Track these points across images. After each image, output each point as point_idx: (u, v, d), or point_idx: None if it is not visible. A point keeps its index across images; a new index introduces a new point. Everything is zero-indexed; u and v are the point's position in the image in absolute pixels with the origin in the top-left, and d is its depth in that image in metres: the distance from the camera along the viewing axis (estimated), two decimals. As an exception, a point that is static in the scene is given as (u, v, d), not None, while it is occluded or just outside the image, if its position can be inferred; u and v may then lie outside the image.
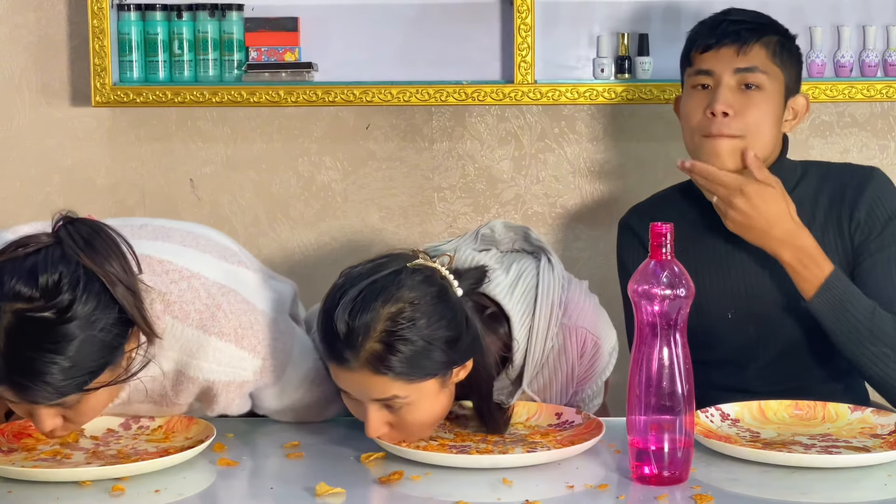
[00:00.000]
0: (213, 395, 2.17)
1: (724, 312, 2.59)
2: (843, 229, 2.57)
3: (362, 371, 2.03)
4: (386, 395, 2.05)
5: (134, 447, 2.13)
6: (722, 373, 2.62)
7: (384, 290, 2.03)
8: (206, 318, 2.12)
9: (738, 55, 2.54)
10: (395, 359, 2.01)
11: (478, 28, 3.21)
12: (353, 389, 2.08)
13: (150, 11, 3.20)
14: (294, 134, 3.29)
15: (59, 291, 1.90)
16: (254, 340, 2.16)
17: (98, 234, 1.98)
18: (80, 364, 1.92)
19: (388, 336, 2.01)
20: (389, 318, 2.01)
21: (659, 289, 1.96)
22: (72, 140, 3.31)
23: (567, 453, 2.06)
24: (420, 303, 2.03)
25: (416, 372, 2.04)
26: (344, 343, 2.02)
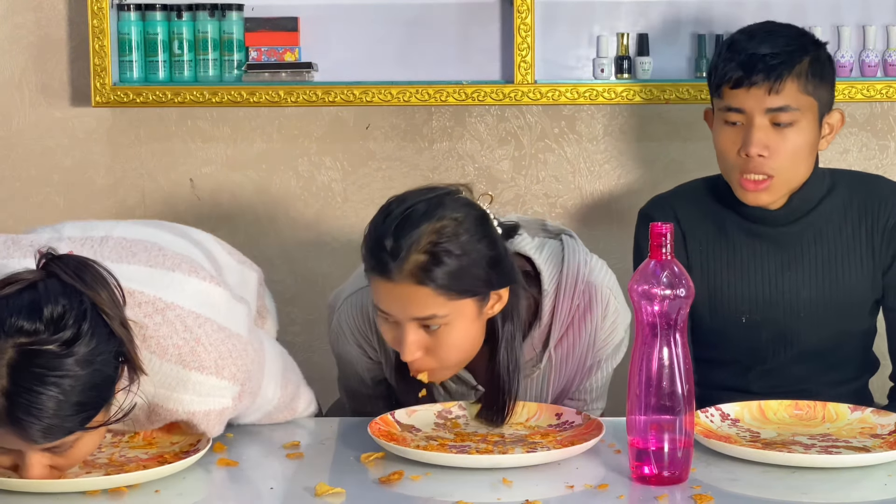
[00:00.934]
0: (194, 424, 2.13)
1: (738, 316, 2.59)
2: (873, 241, 2.57)
3: (406, 283, 2.10)
4: (426, 312, 2.12)
5: (123, 455, 2.11)
6: (725, 373, 2.62)
7: (430, 207, 2.14)
8: (185, 353, 2.06)
9: (770, 94, 2.47)
10: (438, 270, 2.10)
11: (478, 28, 3.21)
12: (393, 306, 2.14)
13: (150, 11, 3.20)
14: (294, 134, 3.29)
15: (64, 324, 1.85)
16: (233, 369, 2.11)
17: (86, 268, 1.93)
18: (81, 399, 1.87)
19: (433, 247, 2.10)
20: (434, 232, 2.11)
21: (659, 289, 1.96)
22: (72, 140, 3.31)
23: (567, 453, 2.06)
24: (464, 221, 2.14)
25: (457, 286, 2.12)
26: (390, 254, 2.11)
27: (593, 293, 2.33)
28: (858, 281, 2.57)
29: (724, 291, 2.58)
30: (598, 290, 2.33)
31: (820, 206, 2.57)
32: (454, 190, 2.21)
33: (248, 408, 2.21)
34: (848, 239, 2.57)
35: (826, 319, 2.58)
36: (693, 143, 3.23)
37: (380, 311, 2.18)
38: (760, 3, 3.13)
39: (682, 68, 3.19)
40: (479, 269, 2.14)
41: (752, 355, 2.61)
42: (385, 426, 2.17)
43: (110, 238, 2.19)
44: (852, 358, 2.65)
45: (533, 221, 2.43)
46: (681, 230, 2.62)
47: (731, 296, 2.58)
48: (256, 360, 2.18)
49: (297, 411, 2.33)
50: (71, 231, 2.22)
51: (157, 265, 2.15)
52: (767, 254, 2.58)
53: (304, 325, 3.25)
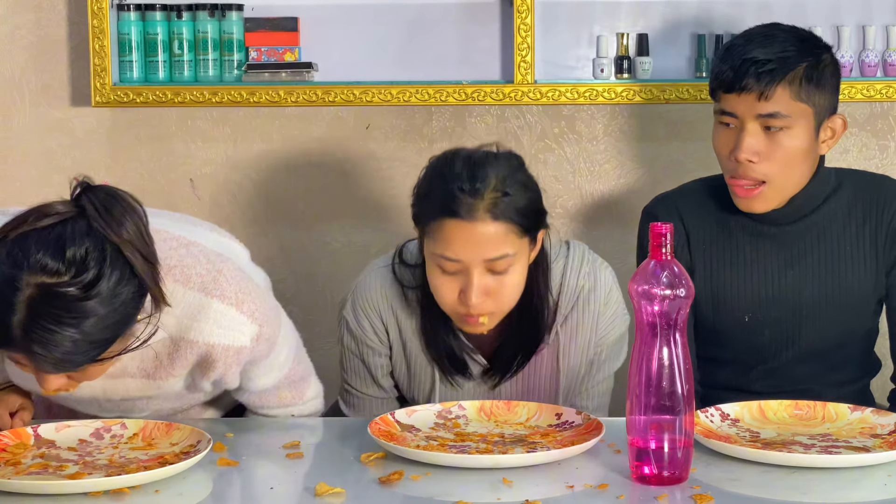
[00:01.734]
0: (212, 361, 2.18)
1: (741, 315, 2.59)
2: (877, 241, 2.57)
3: (483, 220, 2.24)
4: (499, 251, 2.25)
5: (123, 456, 2.11)
6: (727, 372, 2.62)
7: (487, 156, 2.31)
8: (207, 282, 2.14)
9: (760, 100, 2.47)
10: (513, 204, 2.25)
11: (478, 28, 3.21)
12: (466, 248, 2.24)
13: (150, 11, 3.20)
14: (294, 134, 3.29)
15: (85, 266, 1.89)
16: (252, 306, 2.18)
17: (117, 201, 1.97)
18: (96, 337, 1.92)
19: (505, 185, 2.26)
20: (500, 173, 2.27)
21: (659, 289, 1.96)
22: (72, 140, 3.31)
23: (567, 453, 2.06)
24: (518, 164, 2.33)
25: (526, 221, 2.28)
26: (467, 194, 2.24)
27: (597, 276, 2.45)
28: (862, 280, 2.57)
29: (727, 290, 2.58)
30: (601, 275, 2.46)
31: (824, 206, 2.58)
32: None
33: (262, 359, 2.24)
34: (852, 238, 2.57)
35: (829, 318, 2.58)
36: (693, 143, 3.23)
37: (445, 261, 2.26)
38: (760, 4, 3.13)
39: (682, 68, 3.19)
40: (538, 205, 2.32)
41: (754, 354, 2.61)
42: (385, 426, 2.18)
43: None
44: (854, 358, 2.65)
45: None
46: (684, 229, 2.62)
47: (734, 294, 2.59)
48: (274, 309, 2.26)
49: (305, 397, 2.36)
50: None
51: (181, 221, 2.29)
52: (771, 252, 2.58)
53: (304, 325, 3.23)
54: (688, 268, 2.60)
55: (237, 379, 2.26)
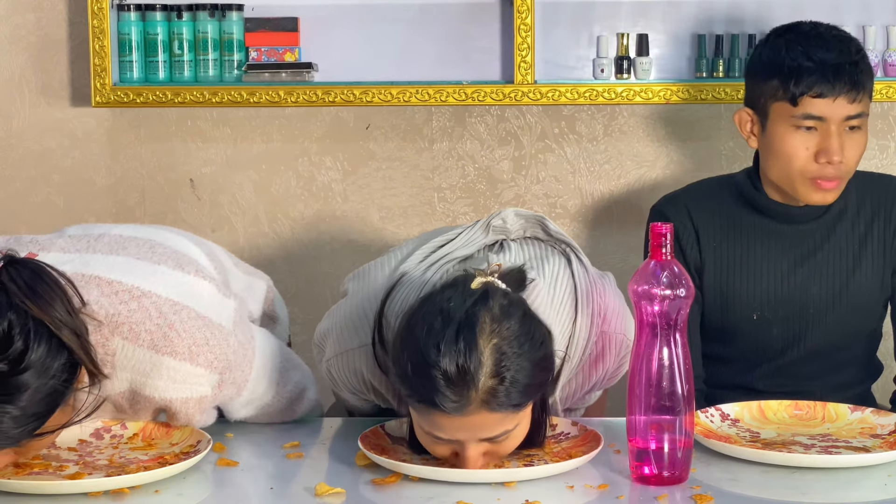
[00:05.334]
0: (173, 412, 2.14)
1: (749, 313, 2.59)
2: (884, 240, 2.58)
3: (478, 412, 1.92)
4: (497, 431, 1.96)
5: (123, 456, 2.11)
6: (733, 370, 2.63)
7: (478, 323, 1.92)
8: (157, 338, 2.07)
9: (852, 103, 2.50)
10: (511, 390, 1.92)
11: (478, 28, 3.21)
12: (458, 434, 1.96)
13: (150, 11, 3.20)
14: (294, 134, 3.29)
15: (10, 342, 1.86)
16: (210, 356, 2.11)
17: (40, 276, 1.93)
18: (32, 411, 1.88)
19: (501, 368, 1.91)
20: (496, 351, 1.91)
21: (659, 289, 1.96)
22: (72, 140, 3.31)
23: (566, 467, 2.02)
24: (516, 328, 1.94)
25: (526, 399, 1.96)
26: (457, 388, 1.89)
27: (606, 342, 2.24)
28: (869, 280, 2.58)
29: (736, 288, 2.59)
30: (611, 340, 2.24)
31: (833, 205, 2.59)
32: (469, 277, 2.02)
33: (233, 399, 2.21)
34: (860, 237, 2.58)
35: (836, 318, 2.59)
36: (693, 143, 3.23)
37: (433, 436, 1.98)
38: (761, 4, 3.13)
39: (682, 68, 3.19)
40: (541, 372, 1.98)
41: (760, 353, 2.62)
42: (375, 439, 2.12)
43: (107, 235, 2.21)
44: (857, 361, 2.66)
45: (533, 219, 2.30)
46: (693, 228, 2.63)
47: (743, 293, 2.59)
48: (241, 351, 2.18)
49: (297, 414, 2.33)
50: (74, 231, 2.25)
51: (144, 258, 2.16)
52: (780, 251, 2.58)
53: (304, 325, 3.25)
54: (697, 266, 2.60)
55: (209, 420, 2.21)
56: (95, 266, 2.09)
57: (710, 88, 3.10)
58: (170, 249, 2.21)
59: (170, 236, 2.26)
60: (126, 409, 2.15)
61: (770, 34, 2.63)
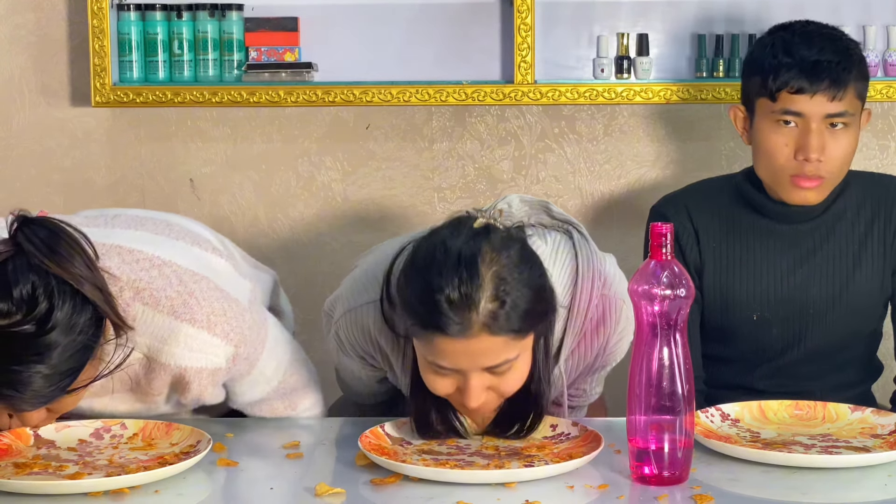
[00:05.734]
0: (186, 383, 2.16)
1: (750, 314, 2.59)
2: (885, 241, 2.58)
3: (479, 336, 1.99)
4: (499, 359, 2.03)
5: (122, 456, 2.11)
6: (733, 370, 2.63)
7: (479, 252, 2.01)
8: (177, 305, 2.10)
9: (833, 101, 2.49)
10: (511, 314, 1.99)
11: (478, 28, 3.21)
12: (460, 361, 2.02)
13: (150, 11, 3.20)
14: (294, 134, 3.29)
15: (35, 302, 1.88)
16: (226, 327, 2.14)
17: (57, 234, 1.95)
18: (63, 369, 1.91)
19: (501, 292, 1.99)
20: (496, 276, 1.99)
21: (659, 289, 1.96)
22: (72, 140, 3.31)
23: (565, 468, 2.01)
24: (514, 257, 2.03)
25: (527, 325, 2.03)
26: (459, 310, 1.97)
27: (607, 306, 2.26)
28: (869, 280, 2.58)
29: (736, 288, 2.59)
30: (612, 304, 2.26)
31: (833, 205, 2.59)
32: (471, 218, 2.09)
33: (244, 376, 2.22)
34: (860, 237, 2.58)
35: (836, 318, 2.59)
36: (693, 143, 3.23)
37: (436, 367, 2.05)
38: (761, 4, 3.13)
39: (682, 68, 3.19)
40: (541, 301, 2.05)
41: (760, 353, 2.62)
42: (375, 439, 2.13)
43: (123, 215, 2.25)
44: (857, 361, 2.66)
45: (538, 205, 2.34)
46: (693, 228, 2.63)
47: (743, 293, 2.59)
48: (255, 327, 2.20)
49: (299, 408, 2.34)
50: (87, 212, 2.29)
51: (162, 234, 2.21)
52: (780, 251, 2.58)
53: (304, 325, 3.25)
54: (697, 266, 2.60)
55: (219, 396, 2.24)
56: (116, 237, 2.11)
57: (710, 88, 3.11)
58: (185, 229, 2.26)
59: (184, 220, 2.32)
60: (140, 378, 2.16)
61: (766, 32, 2.64)
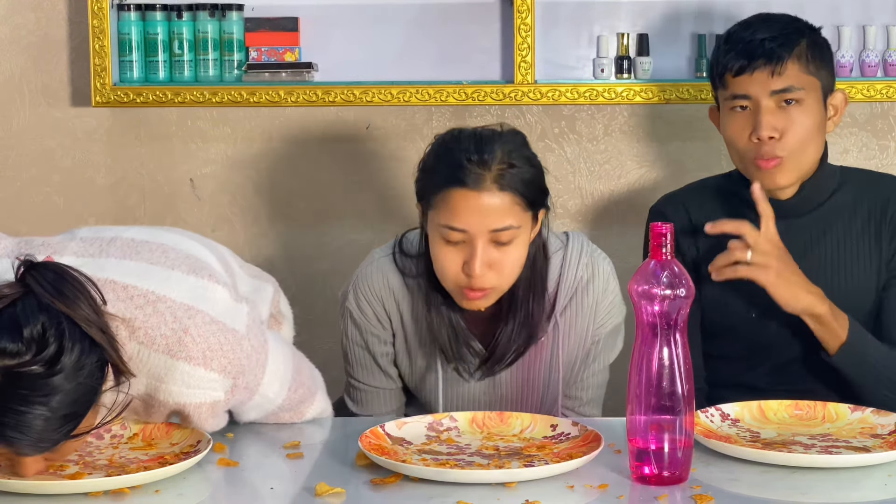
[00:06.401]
0: (186, 415, 2.15)
1: (749, 311, 2.59)
2: (881, 242, 2.57)
3: (489, 190, 2.31)
4: (505, 221, 2.31)
5: (123, 456, 2.11)
6: (734, 368, 2.62)
7: (492, 132, 2.38)
8: (172, 343, 2.08)
9: (773, 76, 2.51)
10: (519, 176, 2.33)
11: (478, 28, 3.21)
12: (472, 218, 2.31)
13: (150, 11, 3.20)
14: (294, 134, 3.29)
15: (45, 343, 1.86)
16: (223, 361, 2.12)
17: (63, 277, 1.94)
18: (68, 412, 1.89)
19: (511, 157, 2.33)
20: (506, 148, 2.34)
21: (659, 289, 1.96)
22: (72, 140, 3.31)
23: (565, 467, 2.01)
24: (520, 142, 2.40)
25: (531, 194, 2.35)
26: (476, 162, 2.31)
27: (595, 266, 2.49)
28: (865, 276, 2.58)
29: (735, 286, 2.58)
30: (599, 265, 2.50)
31: (829, 202, 2.59)
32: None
33: (244, 403, 2.22)
34: (857, 234, 2.58)
35: None
36: (693, 143, 3.23)
37: (451, 231, 2.32)
38: (760, 3, 3.13)
39: (682, 68, 3.19)
40: (541, 180, 2.39)
41: (761, 351, 2.61)
42: (375, 439, 2.13)
43: (119, 238, 2.20)
44: None
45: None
46: (692, 226, 2.63)
47: (742, 290, 2.59)
48: (254, 356, 2.18)
49: (306, 416, 2.33)
50: (85, 233, 2.25)
51: (158, 263, 2.16)
52: None
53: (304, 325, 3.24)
54: (697, 264, 2.60)
55: (221, 423, 2.22)
56: (110, 270, 2.09)
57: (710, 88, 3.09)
58: (182, 254, 2.21)
59: (181, 240, 2.26)
60: (140, 411, 2.16)
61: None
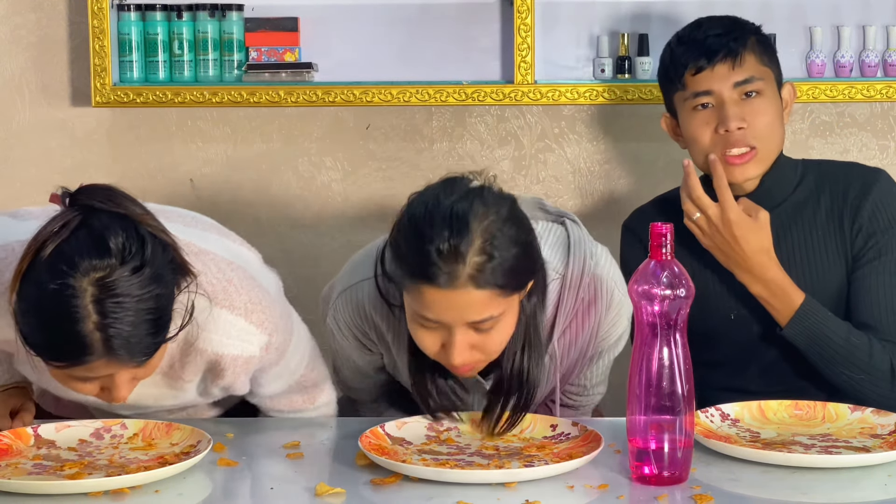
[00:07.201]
0: (221, 370, 2.18)
1: (727, 313, 2.59)
2: (844, 231, 2.56)
3: (465, 288, 2.04)
4: (484, 314, 2.07)
5: (123, 456, 2.11)
6: (722, 373, 2.62)
7: (472, 206, 2.07)
8: (217, 291, 2.13)
9: (734, 69, 2.54)
10: (497, 268, 2.05)
11: (478, 28, 3.21)
12: (446, 313, 2.07)
13: (150, 11, 3.20)
14: (294, 134, 3.29)
15: (129, 250, 1.90)
16: (262, 316, 2.17)
17: (113, 190, 1.98)
18: (164, 311, 1.94)
19: (489, 246, 2.05)
20: (485, 230, 2.05)
21: (659, 289, 1.96)
22: (72, 140, 3.31)
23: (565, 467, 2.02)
24: (505, 213, 2.10)
25: (512, 281, 2.08)
26: (447, 260, 2.03)
27: (598, 286, 2.31)
28: (833, 265, 2.56)
29: (710, 290, 2.58)
30: (603, 283, 2.31)
31: (792, 196, 2.59)
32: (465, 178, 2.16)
33: (272, 366, 2.24)
34: (822, 225, 2.57)
35: None
36: (693, 143, 3.22)
37: (423, 320, 2.10)
38: (761, 4, 3.13)
39: (682, 68, 3.19)
40: (527, 259, 2.12)
41: (746, 353, 2.61)
42: (375, 439, 2.13)
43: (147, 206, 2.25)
44: None
45: (530, 201, 2.41)
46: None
47: (717, 294, 2.59)
48: (284, 317, 2.24)
49: (317, 402, 2.37)
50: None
51: (191, 226, 2.24)
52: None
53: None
54: None
55: (247, 386, 2.26)
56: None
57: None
58: (209, 223, 2.31)
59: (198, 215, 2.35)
60: (175, 361, 2.18)
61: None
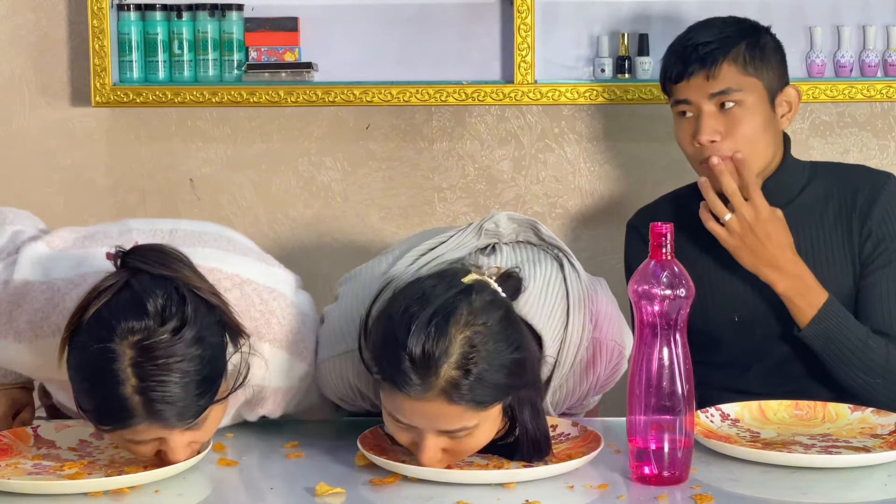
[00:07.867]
0: (262, 399, 2.20)
1: (730, 315, 2.59)
2: (852, 236, 2.56)
3: (436, 400, 1.91)
4: (455, 426, 1.94)
5: (123, 456, 2.10)
6: (724, 374, 2.62)
7: (455, 313, 1.91)
8: (261, 326, 2.14)
9: (709, 80, 2.53)
10: (474, 386, 1.90)
11: (478, 28, 3.21)
12: (417, 420, 1.95)
13: (150, 11, 3.20)
14: (294, 134, 3.29)
15: (168, 311, 1.91)
16: (302, 346, 2.19)
17: (164, 251, 1.99)
18: (207, 374, 1.93)
19: (466, 362, 1.90)
20: (466, 343, 1.91)
21: (659, 289, 1.96)
22: (72, 140, 3.31)
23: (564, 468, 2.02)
24: (492, 325, 1.94)
25: (489, 398, 1.94)
26: (419, 371, 1.89)
27: (598, 349, 2.23)
28: (840, 269, 2.56)
29: (714, 292, 2.58)
30: (602, 346, 2.23)
31: (799, 198, 2.59)
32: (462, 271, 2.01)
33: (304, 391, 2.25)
34: (829, 228, 2.57)
35: None
36: (693, 143, 3.22)
37: (394, 418, 1.98)
38: (761, 4, 3.13)
39: (682, 68, 3.19)
40: (509, 376, 1.95)
41: (749, 354, 2.61)
42: (375, 439, 2.12)
43: (178, 230, 2.26)
44: None
45: (525, 224, 2.29)
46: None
47: (721, 296, 2.59)
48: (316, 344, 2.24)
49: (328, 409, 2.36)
50: (137, 225, 2.29)
51: (229, 250, 2.23)
52: None
53: (304, 325, 3.26)
54: None
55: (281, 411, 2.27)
56: (191, 256, 2.09)
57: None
58: (245, 245, 2.29)
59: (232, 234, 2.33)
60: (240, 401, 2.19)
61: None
